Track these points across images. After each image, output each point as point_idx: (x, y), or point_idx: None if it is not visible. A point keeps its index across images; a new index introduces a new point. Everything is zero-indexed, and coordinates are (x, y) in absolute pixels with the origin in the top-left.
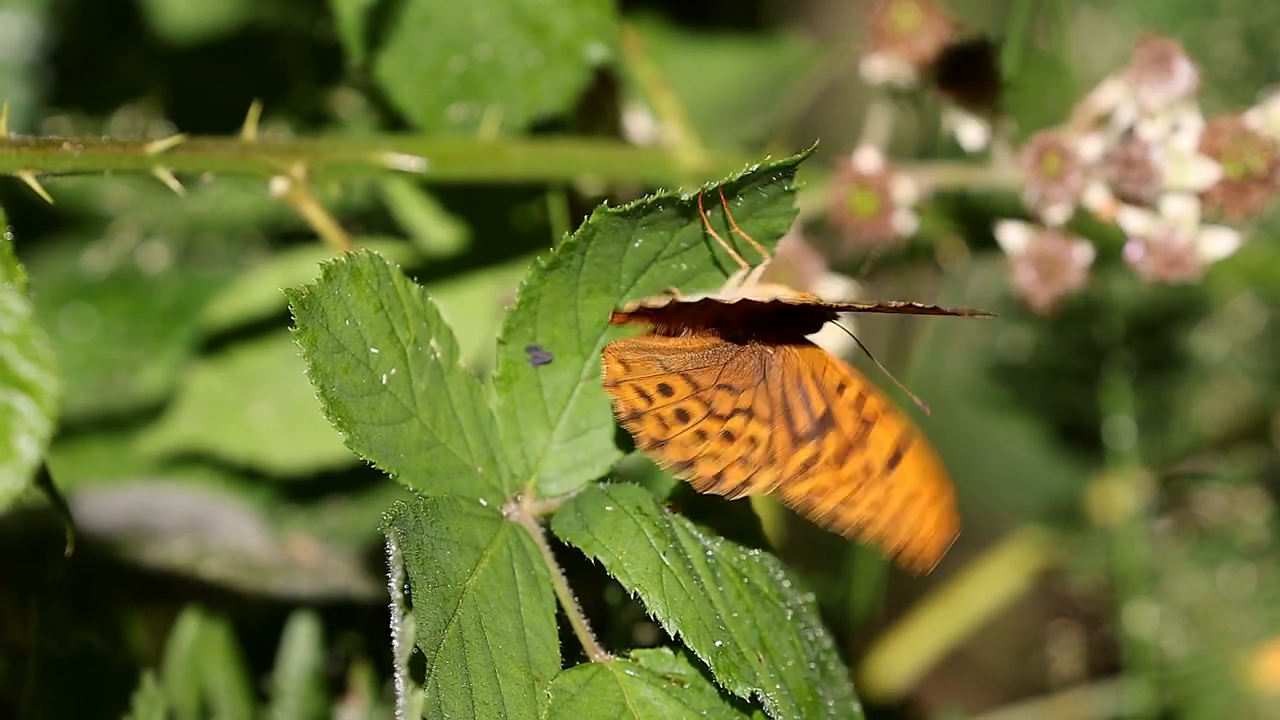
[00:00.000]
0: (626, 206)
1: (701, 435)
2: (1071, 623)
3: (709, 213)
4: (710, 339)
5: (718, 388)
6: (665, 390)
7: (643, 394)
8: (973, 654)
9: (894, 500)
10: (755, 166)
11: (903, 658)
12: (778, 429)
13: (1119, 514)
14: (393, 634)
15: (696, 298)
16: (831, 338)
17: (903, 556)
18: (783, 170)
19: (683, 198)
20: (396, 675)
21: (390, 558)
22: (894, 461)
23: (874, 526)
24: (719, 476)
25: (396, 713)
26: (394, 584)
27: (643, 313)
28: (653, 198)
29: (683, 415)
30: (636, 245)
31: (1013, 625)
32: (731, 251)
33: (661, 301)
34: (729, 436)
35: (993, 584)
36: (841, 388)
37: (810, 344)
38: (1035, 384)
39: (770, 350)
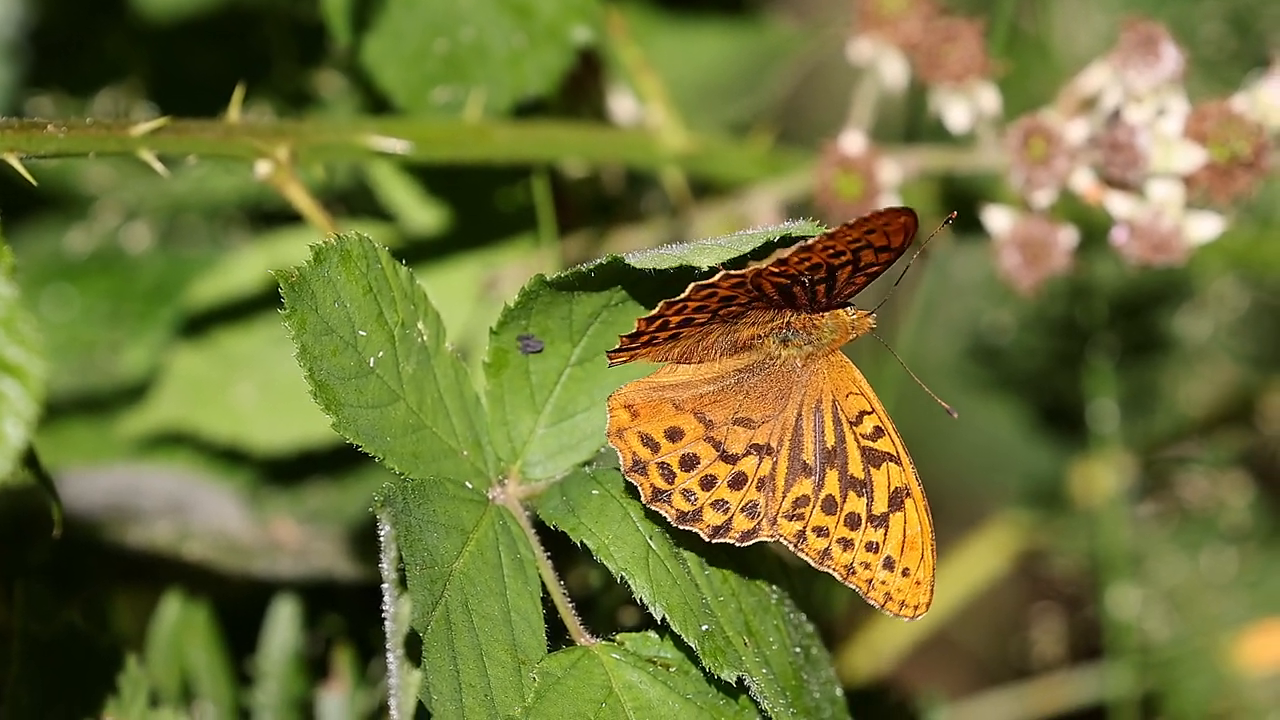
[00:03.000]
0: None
1: (708, 482)
2: (1053, 605)
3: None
4: (728, 361)
5: (733, 423)
6: (673, 435)
7: (647, 442)
8: (954, 636)
9: (888, 547)
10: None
11: (884, 640)
12: (781, 457)
13: (1101, 496)
14: (384, 615)
15: (685, 293)
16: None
17: (890, 605)
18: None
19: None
20: (389, 656)
21: (383, 537)
22: (894, 506)
23: (867, 571)
24: (725, 526)
25: (388, 694)
26: (387, 564)
27: (645, 338)
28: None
29: (689, 461)
30: None
31: (994, 608)
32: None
33: (652, 313)
34: (738, 482)
35: (974, 566)
36: (860, 417)
37: (843, 365)
38: (1018, 366)
39: (799, 365)
